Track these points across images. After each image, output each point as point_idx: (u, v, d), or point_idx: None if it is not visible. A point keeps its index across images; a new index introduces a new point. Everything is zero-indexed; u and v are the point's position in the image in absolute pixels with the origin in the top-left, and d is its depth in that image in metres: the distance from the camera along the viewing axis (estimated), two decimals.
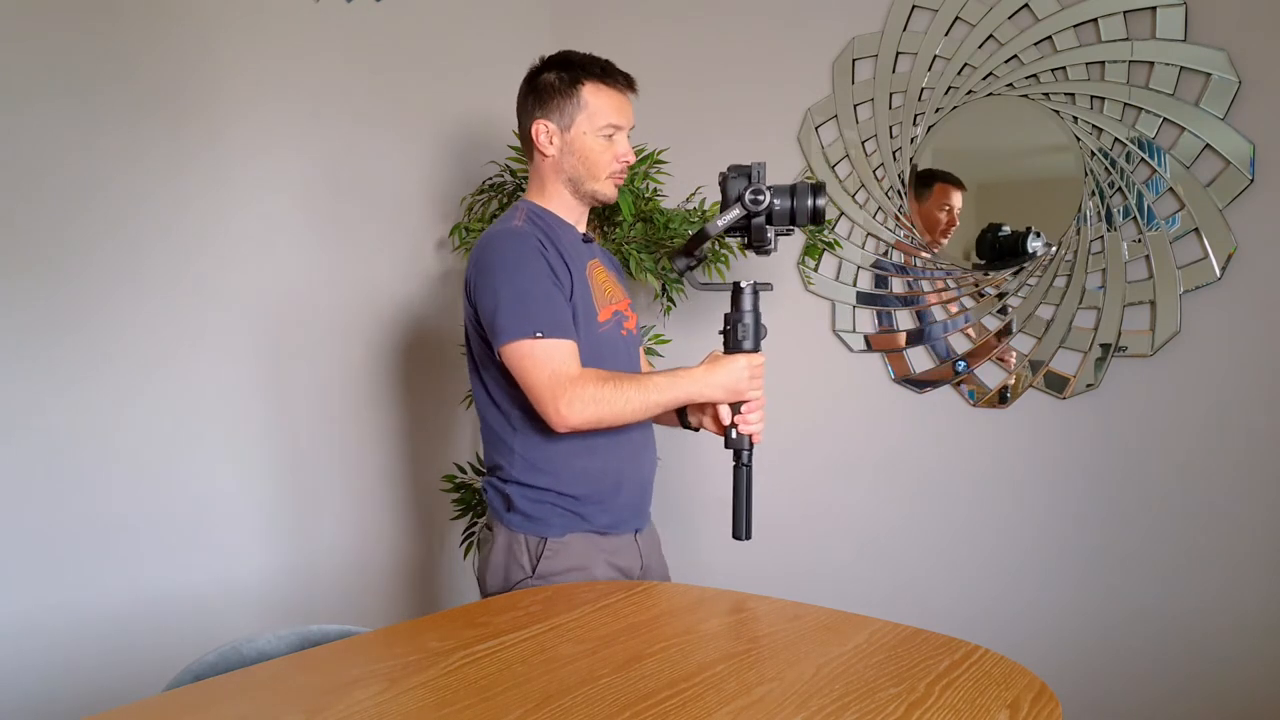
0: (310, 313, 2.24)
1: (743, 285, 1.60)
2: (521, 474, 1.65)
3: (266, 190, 2.13)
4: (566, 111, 1.66)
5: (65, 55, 1.79)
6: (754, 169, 1.57)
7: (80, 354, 1.83)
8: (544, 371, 1.52)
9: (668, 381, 1.57)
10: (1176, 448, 2.08)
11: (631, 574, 1.71)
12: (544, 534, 1.62)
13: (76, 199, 1.82)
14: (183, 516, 2.00)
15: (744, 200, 1.56)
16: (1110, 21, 2.07)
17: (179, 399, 1.99)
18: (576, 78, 1.66)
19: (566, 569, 1.62)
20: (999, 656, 1.21)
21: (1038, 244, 2.17)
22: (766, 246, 1.61)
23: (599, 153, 1.66)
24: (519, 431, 1.64)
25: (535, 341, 1.53)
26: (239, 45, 2.05)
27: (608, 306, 1.70)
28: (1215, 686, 2.06)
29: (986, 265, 2.25)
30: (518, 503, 1.64)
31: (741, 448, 1.63)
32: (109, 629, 1.88)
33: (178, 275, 1.98)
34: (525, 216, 1.67)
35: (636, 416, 1.57)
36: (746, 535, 1.65)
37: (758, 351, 1.62)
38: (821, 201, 1.57)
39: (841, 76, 2.41)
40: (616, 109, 1.67)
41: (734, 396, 1.61)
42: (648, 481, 1.76)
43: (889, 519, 2.43)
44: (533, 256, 1.58)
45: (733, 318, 1.61)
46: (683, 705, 1.06)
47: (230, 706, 1.08)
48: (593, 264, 1.71)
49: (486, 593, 1.68)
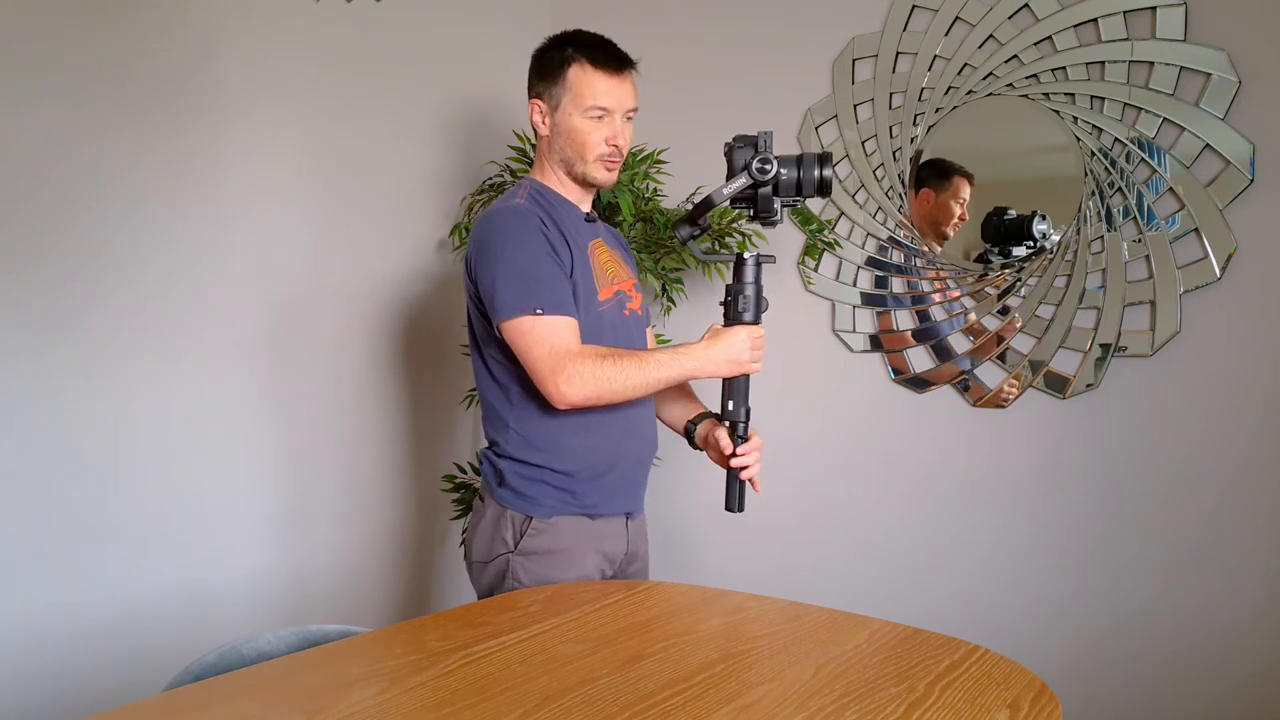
0: (310, 313, 2.24)
1: (745, 256, 1.58)
2: (516, 450, 1.65)
3: (266, 190, 2.13)
4: (554, 91, 1.66)
5: (65, 55, 1.79)
6: (761, 138, 1.54)
7: (80, 354, 1.83)
8: (544, 348, 1.52)
9: (669, 358, 1.57)
10: (1176, 448, 2.08)
11: (616, 560, 1.70)
12: (531, 513, 1.63)
13: (76, 199, 1.82)
14: (183, 516, 2.00)
15: (750, 169, 1.53)
16: (1110, 21, 2.07)
17: (179, 399, 1.99)
18: (566, 57, 1.65)
19: (549, 549, 1.63)
20: (999, 656, 1.21)
21: (1044, 226, 2.16)
22: (773, 218, 1.58)
23: (586, 134, 1.65)
24: (516, 408, 1.65)
25: (536, 318, 1.53)
26: (239, 46, 2.05)
27: (609, 286, 1.69)
28: (1215, 686, 2.06)
29: (994, 250, 2.23)
30: (509, 479, 1.64)
31: (737, 419, 1.62)
32: (109, 629, 1.88)
33: (177, 276, 1.98)
34: (528, 194, 1.67)
35: (637, 393, 1.57)
36: (739, 508, 1.64)
37: (758, 324, 1.60)
38: (828, 172, 1.54)
39: (841, 76, 2.41)
40: (605, 91, 1.65)
41: (735, 370, 1.59)
42: (643, 463, 1.76)
43: (889, 519, 2.43)
44: (533, 233, 1.58)
45: (734, 289, 1.59)
46: (683, 705, 1.06)
47: (230, 706, 1.08)
48: (595, 243, 1.70)
49: (470, 561, 1.70)
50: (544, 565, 1.62)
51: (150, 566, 1.95)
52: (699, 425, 1.75)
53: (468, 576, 1.73)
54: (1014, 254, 2.21)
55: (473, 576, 1.71)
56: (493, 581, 1.65)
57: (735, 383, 1.62)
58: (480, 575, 1.68)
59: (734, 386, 1.62)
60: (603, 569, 1.68)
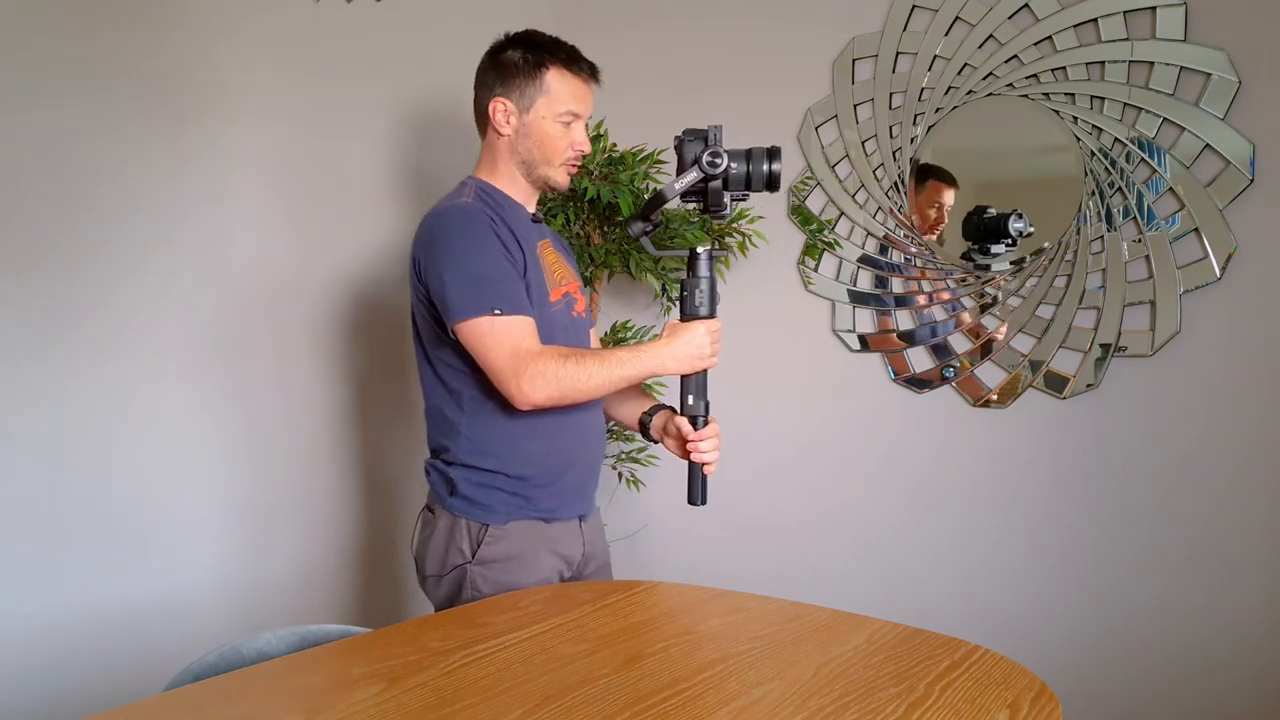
0: (310, 313, 2.23)
1: (699, 250, 1.58)
2: (468, 456, 1.62)
3: (266, 190, 2.13)
4: (527, 93, 1.64)
5: (65, 55, 1.79)
6: (711, 132, 1.55)
7: (80, 353, 1.83)
8: (504, 349, 1.50)
9: (630, 356, 1.56)
10: (1176, 448, 2.08)
11: (573, 561, 1.70)
12: (486, 520, 1.61)
13: (75, 199, 1.81)
14: (182, 515, 2.00)
15: (701, 163, 1.53)
16: (1110, 21, 2.07)
17: (178, 399, 1.99)
18: (541, 60, 1.64)
19: (507, 556, 1.61)
20: (999, 656, 1.21)
21: (1020, 225, 2.18)
22: (723, 211, 1.59)
23: (555, 138, 1.65)
24: (468, 413, 1.62)
25: (493, 318, 1.51)
26: (239, 46, 2.05)
27: (558, 287, 1.68)
28: (1215, 686, 2.06)
29: (975, 248, 2.26)
30: (461, 487, 1.62)
31: (697, 414, 1.62)
32: (109, 629, 1.88)
33: (178, 276, 1.98)
34: (474, 193, 1.64)
35: (599, 392, 1.56)
36: (702, 500, 1.65)
37: (714, 317, 1.60)
38: (778, 166, 1.54)
39: (841, 76, 2.41)
40: (578, 97, 1.66)
41: (696, 365, 1.59)
42: (595, 466, 1.75)
43: (889, 519, 2.43)
44: (485, 233, 1.56)
45: (689, 284, 1.59)
46: (683, 705, 1.06)
47: (230, 706, 1.08)
48: (543, 244, 1.70)
49: (424, 575, 1.67)
50: (502, 572, 1.60)
51: (150, 566, 1.95)
52: (654, 417, 1.75)
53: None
54: (993, 251, 2.23)
55: (428, 590, 1.68)
56: (450, 593, 1.63)
57: (694, 378, 1.61)
58: (436, 588, 1.66)
59: (693, 381, 1.62)
60: (560, 571, 1.67)
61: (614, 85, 2.76)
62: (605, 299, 2.62)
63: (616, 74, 2.77)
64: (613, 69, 2.79)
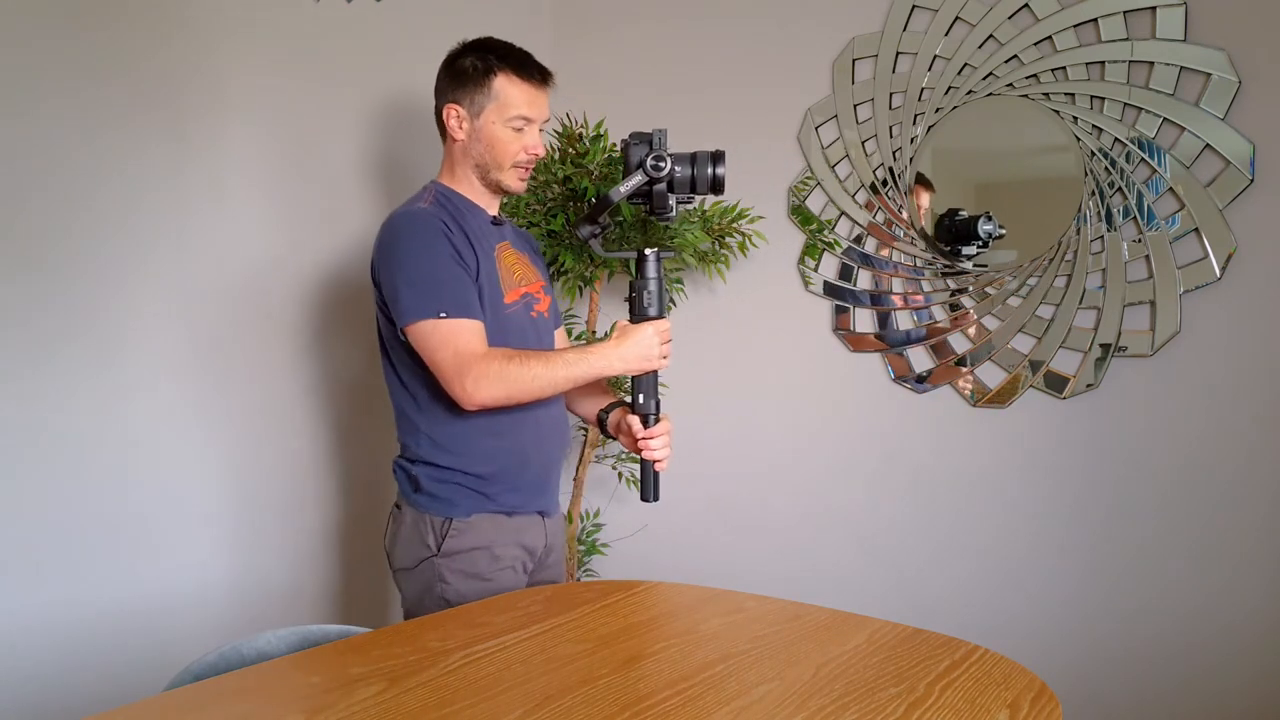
0: (312, 313, 2.24)
1: (647, 252, 1.61)
2: (428, 454, 1.67)
3: (266, 190, 2.13)
4: (477, 99, 1.68)
5: (65, 55, 1.78)
6: (655, 135, 1.58)
7: (78, 354, 1.83)
8: (448, 350, 1.54)
9: (576, 356, 1.59)
10: (1176, 448, 2.08)
11: (536, 552, 1.74)
12: (449, 514, 1.65)
13: (75, 199, 1.81)
14: (181, 515, 2.00)
15: (645, 166, 1.57)
16: (1110, 21, 2.07)
17: (177, 398, 1.99)
18: (490, 66, 1.67)
19: (471, 547, 1.65)
20: (999, 656, 1.21)
21: (989, 227, 2.21)
22: (668, 214, 1.62)
23: (506, 143, 1.68)
24: (425, 411, 1.66)
25: (439, 321, 1.55)
26: (239, 46, 2.05)
27: (516, 289, 1.71)
28: (1215, 686, 2.06)
29: (947, 249, 2.28)
30: (424, 483, 1.66)
31: (648, 412, 1.64)
32: (109, 629, 1.88)
33: (176, 277, 1.98)
34: (433, 198, 1.68)
35: (545, 392, 1.59)
36: (655, 497, 1.67)
37: (663, 318, 1.63)
38: (721, 170, 1.58)
39: (841, 76, 2.41)
40: (528, 102, 1.68)
41: (645, 366, 1.62)
42: (555, 463, 1.78)
43: (889, 518, 2.43)
44: (435, 237, 1.59)
45: (638, 285, 1.62)
46: (683, 705, 1.06)
47: (230, 706, 1.08)
48: (502, 246, 1.73)
49: (395, 568, 1.72)
50: (468, 563, 1.64)
51: (150, 566, 1.95)
52: (610, 414, 1.78)
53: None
54: (964, 253, 2.26)
55: (399, 584, 1.72)
56: (419, 586, 1.67)
57: (644, 378, 1.64)
58: (406, 581, 1.70)
59: (643, 382, 1.64)
60: (524, 561, 1.71)
61: (614, 85, 2.77)
62: (605, 299, 2.62)
63: (616, 74, 2.78)
64: (613, 69, 2.80)
